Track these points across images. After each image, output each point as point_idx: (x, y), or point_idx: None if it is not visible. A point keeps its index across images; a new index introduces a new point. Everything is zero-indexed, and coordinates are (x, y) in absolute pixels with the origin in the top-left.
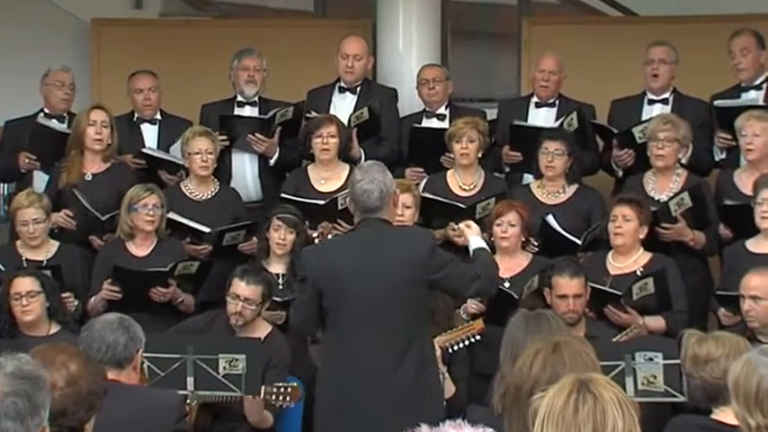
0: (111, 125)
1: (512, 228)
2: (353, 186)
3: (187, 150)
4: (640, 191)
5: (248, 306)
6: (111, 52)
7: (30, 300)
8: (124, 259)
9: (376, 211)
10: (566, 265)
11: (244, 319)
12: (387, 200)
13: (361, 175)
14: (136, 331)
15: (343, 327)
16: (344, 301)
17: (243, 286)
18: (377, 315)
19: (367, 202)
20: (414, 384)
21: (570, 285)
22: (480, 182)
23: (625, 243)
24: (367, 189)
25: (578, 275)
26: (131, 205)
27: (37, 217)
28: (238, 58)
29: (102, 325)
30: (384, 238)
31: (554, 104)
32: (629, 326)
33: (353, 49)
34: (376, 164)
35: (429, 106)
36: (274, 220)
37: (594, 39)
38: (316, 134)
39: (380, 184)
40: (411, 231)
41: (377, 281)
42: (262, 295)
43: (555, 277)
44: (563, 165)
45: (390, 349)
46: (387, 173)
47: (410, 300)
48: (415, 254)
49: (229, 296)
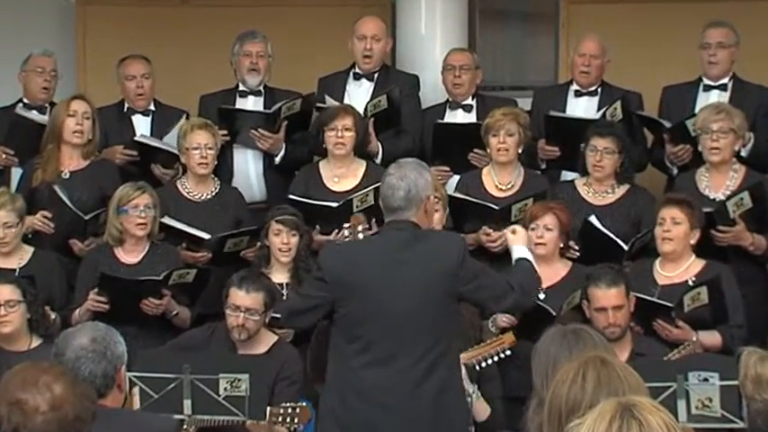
0: (94, 118)
1: (548, 232)
2: (383, 181)
3: (184, 145)
4: (693, 189)
5: (251, 317)
6: (98, 35)
7: (9, 309)
8: (113, 267)
9: (399, 211)
10: (602, 273)
11: (248, 331)
12: (415, 201)
13: (393, 169)
14: (114, 350)
15: (363, 341)
16: (366, 313)
17: (242, 295)
18: (401, 330)
19: (390, 200)
20: (433, 408)
21: (608, 296)
22: (519, 181)
23: (674, 249)
24: (393, 185)
25: (617, 284)
26: (120, 206)
27: (8, 221)
28: (240, 43)
29: (74, 354)
30: (411, 244)
31: (596, 93)
32: (680, 342)
33: (371, 30)
34: (416, 161)
35: (454, 97)
36: (273, 225)
37: (642, 18)
38: (329, 126)
39: (410, 183)
40: (441, 237)
41: (403, 291)
42: (264, 303)
43: (591, 288)
44: (613, 164)
45: (412, 368)
46: (424, 174)
47: (438, 314)
48: (444, 262)
49: (228, 308)
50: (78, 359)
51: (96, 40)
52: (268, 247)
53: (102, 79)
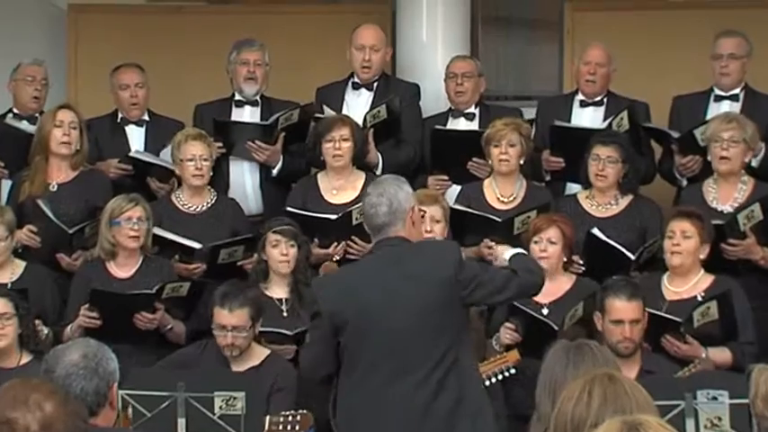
0: (81, 127)
1: (552, 246)
2: (363, 202)
3: (179, 156)
4: (700, 201)
5: (239, 334)
6: (90, 43)
7: (4, 323)
8: (105, 282)
9: (385, 228)
10: (622, 284)
11: (239, 348)
12: (399, 215)
13: (371, 188)
14: (106, 367)
15: (364, 366)
16: (367, 336)
17: (226, 314)
18: (404, 349)
19: (374, 219)
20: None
21: (627, 309)
22: (522, 193)
23: (683, 263)
24: (374, 203)
25: (636, 298)
26: (113, 219)
27: None
28: (237, 51)
29: (65, 371)
30: (405, 258)
31: (601, 103)
32: (689, 359)
33: (370, 40)
34: (392, 177)
35: (456, 105)
36: (270, 236)
37: (650, 26)
38: (327, 137)
39: (391, 196)
40: (434, 246)
41: (402, 309)
42: (250, 318)
43: (609, 299)
44: (616, 174)
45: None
46: (403, 187)
47: (442, 326)
48: (441, 270)
49: (215, 328)
50: (69, 376)
51: (88, 49)
52: (265, 261)
53: (94, 88)
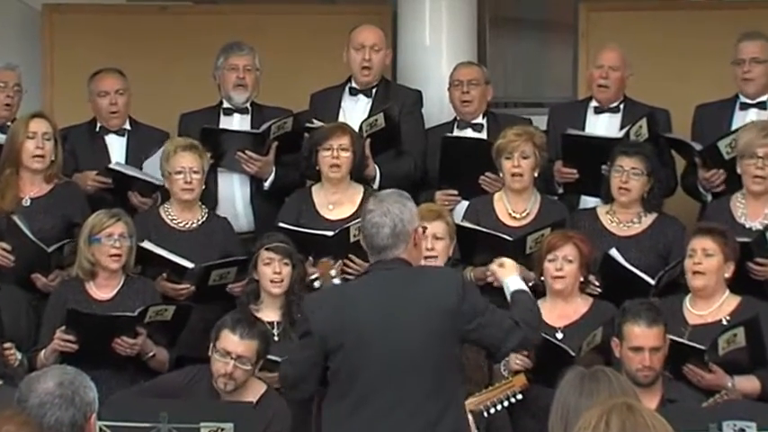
0: (56, 138)
1: (568, 264)
2: (364, 218)
3: (167, 169)
4: (727, 217)
5: (241, 365)
6: (67, 46)
7: None
8: (83, 303)
9: (387, 250)
10: (642, 309)
11: (234, 382)
12: (403, 237)
13: (373, 204)
14: (84, 396)
15: (357, 394)
16: (363, 362)
17: (236, 340)
18: (400, 379)
19: (375, 239)
20: None
21: (648, 335)
22: (535, 208)
23: (707, 284)
24: (377, 222)
25: (658, 323)
26: (92, 236)
27: None
28: (225, 56)
29: (39, 400)
30: (405, 283)
31: (618, 109)
32: (714, 388)
33: (370, 39)
34: (396, 192)
35: (462, 115)
36: (263, 253)
37: (670, 28)
38: (324, 146)
39: (395, 218)
40: (437, 273)
41: (401, 336)
42: (257, 353)
43: (628, 324)
44: (641, 187)
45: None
46: (407, 205)
47: (441, 357)
48: (443, 300)
49: (217, 353)
50: (43, 405)
51: (65, 52)
52: (257, 280)
53: (71, 95)
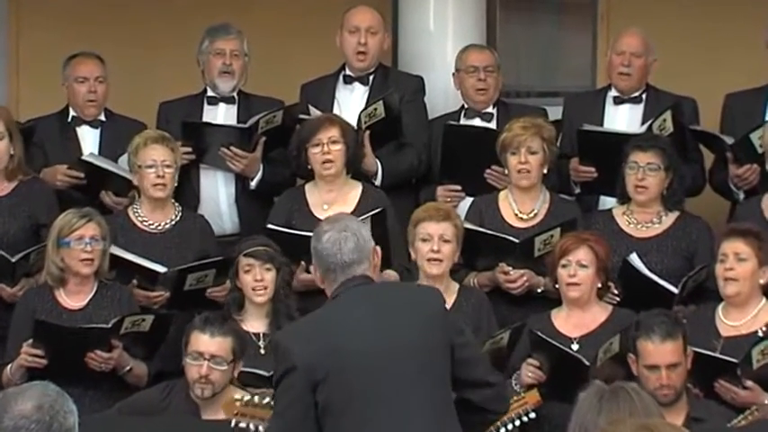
0: (10, 132)
1: (583, 270)
2: (318, 242)
3: (137, 162)
4: (759, 218)
5: (216, 366)
6: (35, 31)
7: None
8: (53, 312)
9: (353, 265)
10: (655, 322)
11: (212, 386)
12: (366, 253)
13: (327, 225)
14: (63, 422)
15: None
16: (356, 390)
17: (206, 340)
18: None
19: (339, 256)
20: None
21: (662, 352)
22: (544, 208)
23: (740, 291)
24: (338, 239)
25: (673, 337)
26: (62, 238)
27: None
28: (210, 39)
29: (14, 423)
30: (386, 299)
31: (640, 99)
32: (747, 405)
33: (366, 21)
34: (344, 214)
35: (475, 104)
36: (242, 260)
37: (697, 11)
38: (312, 141)
39: (355, 232)
40: (417, 288)
41: (397, 355)
42: (232, 350)
43: (641, 340)
44: (659, 184)
45: None
46: (362, 225)
47: (442, 369)
48: (427, 310)
49: (189, 356)
50: (18, 430)
51: (33, 38)
52: (240, 289)
53: (39, 84)
